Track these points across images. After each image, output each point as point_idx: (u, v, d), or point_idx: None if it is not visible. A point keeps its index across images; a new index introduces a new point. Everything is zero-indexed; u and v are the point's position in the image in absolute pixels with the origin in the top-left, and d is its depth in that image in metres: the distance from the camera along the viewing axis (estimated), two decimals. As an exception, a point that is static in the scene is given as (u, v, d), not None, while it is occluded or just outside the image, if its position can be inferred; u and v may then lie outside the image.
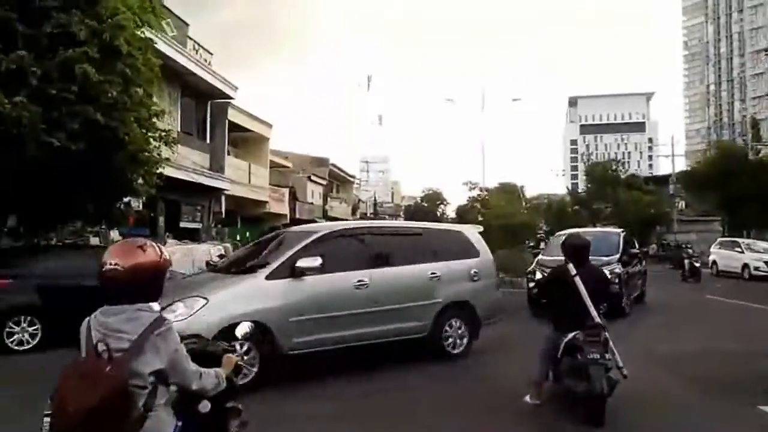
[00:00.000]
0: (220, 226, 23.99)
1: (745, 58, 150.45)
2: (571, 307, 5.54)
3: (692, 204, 42.59)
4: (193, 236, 22.10)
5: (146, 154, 10.50)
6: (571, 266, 5.68)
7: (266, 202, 29.59)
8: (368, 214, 65.16)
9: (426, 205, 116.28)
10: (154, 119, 11.12)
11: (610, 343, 5.40)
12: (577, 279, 5.54)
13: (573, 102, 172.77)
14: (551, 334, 5.82)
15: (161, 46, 19.04)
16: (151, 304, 2.39)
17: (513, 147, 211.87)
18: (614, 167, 45.18)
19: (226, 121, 24.86)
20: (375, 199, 70.99)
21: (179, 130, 21.59)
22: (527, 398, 5.86)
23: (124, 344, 2.24)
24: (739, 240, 24.45)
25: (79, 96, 8.13)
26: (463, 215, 52.69)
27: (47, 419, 2.21)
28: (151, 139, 10.92)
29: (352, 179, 56.54)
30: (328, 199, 44.59)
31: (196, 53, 23.05)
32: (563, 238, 6.72)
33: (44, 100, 7.94)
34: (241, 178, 26.66)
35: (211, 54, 24.97)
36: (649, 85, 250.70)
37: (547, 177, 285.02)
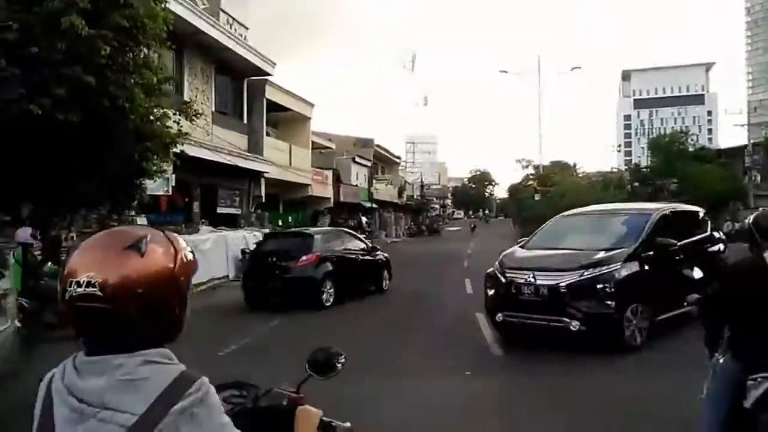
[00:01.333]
0: (260, 211, 22.65)
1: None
2: None
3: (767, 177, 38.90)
4: (231, 222, 20.87)
5: (156, 125, 8.93)
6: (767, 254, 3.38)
7: (309, 185, 28.15)
8: (415, 196, 63.26)
9: (474, 186, 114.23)
10: (165, 85, 9.47)
11: None
12: None
13: (626, 76, 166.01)
14: (727, 367, 3.49)
15: (191, 17, 17.78)
16: (163, 350, 1.23)
17: (565, 123, 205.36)
18: (682, 139, 41.89)
19: (264, 100, 23.42)
20: (422, 181, 68.87)
21: (214, 109, 20.30)
22: None
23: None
24: None
25: (66, 55, 6.62)
26: (516, 194, 50.58)
27: None
28: (161, 110, 9.30)
29: (397, 160, 54.65)
30: (374, 181, 42.90)
31: (230, 27, 21.60)
32: (754, 216, 3.66)
33: (24, 60, 6.45)
34: (282, 160, 25.24)
35: (247, 28, 23.53)
36: (709, 55, 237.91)
37: (601, 154, 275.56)
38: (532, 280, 7.62)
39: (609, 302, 7.26)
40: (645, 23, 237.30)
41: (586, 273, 7.36)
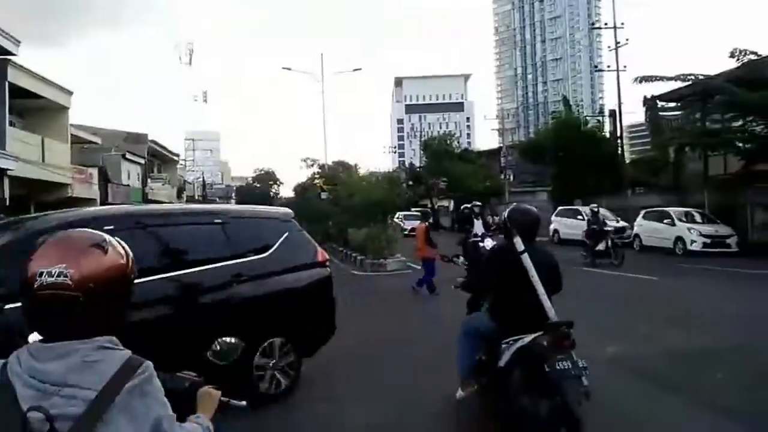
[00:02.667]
0: (2, 216, 18.97)
1: (546, 45, 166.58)
2: (520, 298, 4.20)
3: (518, 176, 44.63)
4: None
5: None
6: (518, 240, 4.23)
7: (68, 184, 24.55)
8: (196, 197, 59.88)
9: (258, 185, 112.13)
10: None
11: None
12: (527, 259, 4.14)
13: (398, 82, 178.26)
14: (473, 329, 4.79)
15: None
16: (112, 338, 1.48)
17: (346, 124, 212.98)
18: (449, 141, 45.97)
19: (6, 84, 19.71)
20: (204, 180, 65.47)
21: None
22: (459, 393, 4.86)
23: (77, 408, 1.34)
24: (670, 210, 22.26)
25: None
26: (303, 193, 50.65)
27: None
28: None
29: (176, 158, 51.02)
30: (149, 180, 39.35)
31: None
32: (508, 211, 4.64)
33: None
34: (33, 156, 21.59)
35: (-21, -3, 19.58)
36: (467, 68, 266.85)
37: (377, 155, 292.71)
38: None
39: None
40: (415, 34, 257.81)
41: None
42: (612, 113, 32.48)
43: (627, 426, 4.93)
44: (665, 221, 21.88)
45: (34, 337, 1.47)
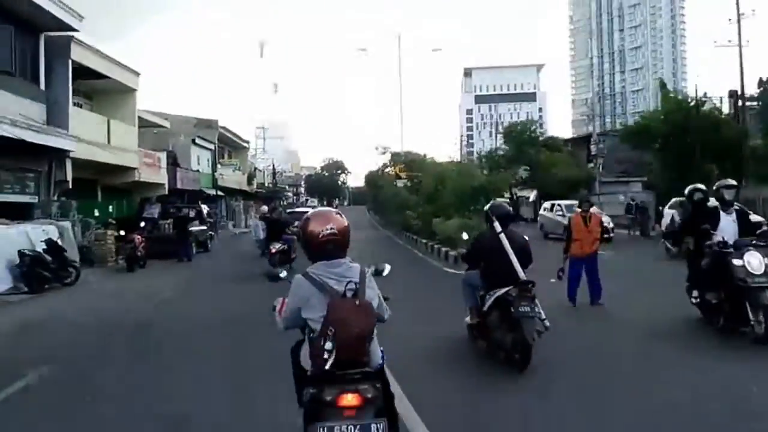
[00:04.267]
0: (64, 199, 17.90)
1: (624, 33, 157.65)
2: (499, 264, 6.18)
3: (608, 165, 40.76)
4: (20, 214, 16.05)
5: None
6: (497, 224, 6.41)
7: (135, 168, 23.48)
8: (266, 184, 59.15)
9: (327, 174, 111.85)
10: None
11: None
12: (503, 236, 6.27)
13: (468, 72, 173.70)
14: (470, 280, 6.78)
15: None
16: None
17: (412, 116, 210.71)
18: (533, 128, 42.77)
19: (69, 62, 18.57)
20: (273, 168, 64.78)
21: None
22: (467, 320, 6.79)
23: (354, 285, 3.09)
24: None
25: None
26: (374, 182, 48.77)
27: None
28: None
29: (246, 145, 50.20)
30: (219, 166, 38.39)
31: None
32: (489, 205, 7.17)
33: None
34: (99, 138, 20.49)
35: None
36: (540, 58, 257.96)
37: (445, 145, 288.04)
38: None
39: None
40: (486, 24, 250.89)
41: None
42: (733, 94, 28.36)
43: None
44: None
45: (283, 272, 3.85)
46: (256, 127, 75.26)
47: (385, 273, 3.63)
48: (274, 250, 13.82)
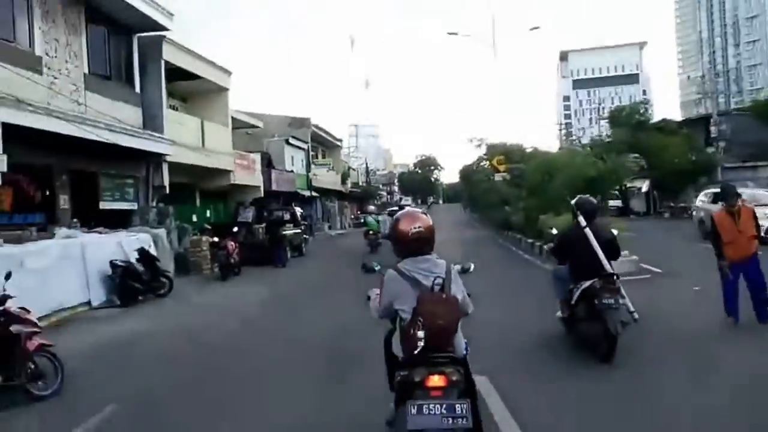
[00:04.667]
0: (162, 205, 17.63)
1: (737, 2, 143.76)
2: (585, 258, 6.26)
3: (730, 149, 36.33)
4: (122, 221, 15.84)
5: None
6: (581, 218, 6.48)
7: (230, 171, 23.17)
8: (360, 183, 58.72)
9: (419, 171, 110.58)
10: None
11: (622, 289, 6.04)
12: (588, 231, 6.33)
13: (564, 56, 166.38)
14: (560, 275, 6.91)
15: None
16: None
17: (506, 104, 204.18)
18: (642, 110, 39.04)
19: (162, 62, 18.30)
20: (367, 167, 64.32)
21: (87, 71, 15.16)
22: (558, 314, 6.93)
23: (441, 280, 3.40)
24: None
25: None
26: (469, 177, 46.78)
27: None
28: None
29: (339, 143, 49.82)
30: (312, 166, 38.01)
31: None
32: (576, 199, 6.97)
33: None
34: (193, 141, 20.21)
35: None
36: (641, 35, 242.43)
37: (540, 133, 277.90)
38: None
39: None
40: (580, 3, 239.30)
41: None
42: None
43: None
44: None
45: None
46: (349, 125, 75.36)
47: (470, 270, 4.18)
48: None
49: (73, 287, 9.64)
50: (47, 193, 13.71)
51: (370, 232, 21.89)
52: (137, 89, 17.57)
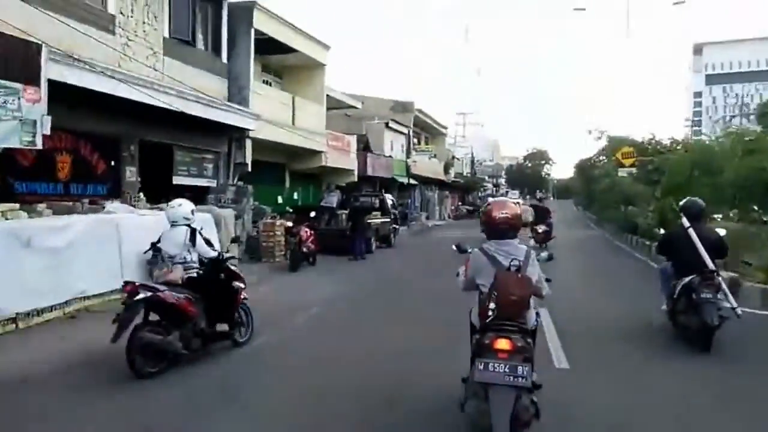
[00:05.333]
0: (241, 183, 16.32)
1: None
2: (687, 255, 6.72)
3: None
4: (198, 198, 14.65)
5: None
6: (685, 220, 6.95)
7: (321, 152, 21.65)
8: (464, 173, 55.97)
9: (529, 165, 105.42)
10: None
11: (724, 285, 6.54)
12: (691, 230, 6.77)
13: (698, 49, 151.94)
14: (666, 272, 7.33)
15: None
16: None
17: (632, 99, 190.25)
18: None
19: (252, 31, 16.95)
20: (473, 157, 61.32)
21: (167, 35, 14.01)
22: (663, 306, 7.26)
23: (518, 261, 3.88)
24: None
25: None
26: (586, 172, 42.77)
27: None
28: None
29: (444, 131, 47.37)
30: (413, 152, 35.93)
31: None
32: (683, 203, 7.40)
33: None
34: (282, 117, 18.81)
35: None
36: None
37: (664, 130, 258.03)
38: None
39: None
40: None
41: None
42: None
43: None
44: None
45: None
46: (457, 113, 72.58)
47: (554, 259, 4.96)
48: (540, 230, 17.31)
49: (102, 272, 8.20)
50: (112, 163, 12.66)
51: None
52: (224, 59, 16.35)
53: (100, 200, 11.92)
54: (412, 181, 34.73)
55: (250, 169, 17.23)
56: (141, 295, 5.47)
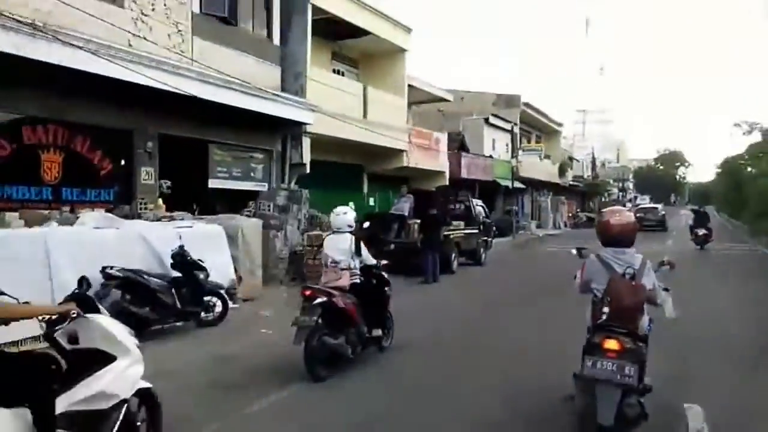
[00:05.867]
0: (296, 187, 13.78)
1: None
2: None
3: None
4: (237, 205, 12.33)
5: None
6: None
7: (403, 151, 18.75)
8: (585, 176, 50.45)
9: (661, 167, 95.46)
10: None
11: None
12: None
13: None
14: None
15: None
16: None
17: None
18: None
19: (309, 9, 14.46)
20: (593, 158, 55.38)
21: (197, 10, 11.80)
22: None
23: (632, 270, 4.04)
24: None
25: None
26: (731, 173, 36.39)
27: None
28: None
29: (558, 128, 42.58)
30: (520, 151, 31.90)
31: None
32: None
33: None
34: (350, 110, 16.13)
35: None
36: None
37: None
38: None
39: None
40: None
41: None
42: None
43: None
44: None
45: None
46: (576, 110, 66.68)
47: (674, 268, 4.59)
48: (700, 233, 17.91)
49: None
50: (122, 162, 10.57)
51: None
52: (275, 41, 13.97)
53: (105, 207, 9.91)
54: (519, 185, 30.77)
55: (309, 170, 14.75)
56: (319, 300, 5.65)
